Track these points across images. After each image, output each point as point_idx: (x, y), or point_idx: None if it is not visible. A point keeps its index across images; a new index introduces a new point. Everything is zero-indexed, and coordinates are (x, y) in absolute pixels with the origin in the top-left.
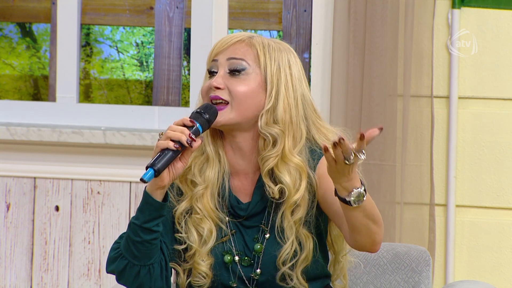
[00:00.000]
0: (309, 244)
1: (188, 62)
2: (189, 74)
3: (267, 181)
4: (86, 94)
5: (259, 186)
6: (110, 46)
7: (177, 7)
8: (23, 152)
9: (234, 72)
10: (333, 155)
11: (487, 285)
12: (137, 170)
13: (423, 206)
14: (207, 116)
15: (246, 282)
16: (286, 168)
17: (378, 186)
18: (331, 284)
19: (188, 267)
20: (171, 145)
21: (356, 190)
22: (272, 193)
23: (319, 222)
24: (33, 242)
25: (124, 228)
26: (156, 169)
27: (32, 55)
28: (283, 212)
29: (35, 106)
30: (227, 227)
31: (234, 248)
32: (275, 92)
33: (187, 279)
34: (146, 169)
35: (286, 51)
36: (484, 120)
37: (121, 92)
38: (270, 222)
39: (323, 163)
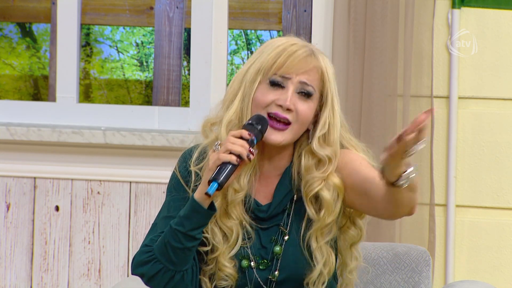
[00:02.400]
0: (332, 260)
1: (188, 62)
2: (189, 74)
3: (308, 203)
4: (86, 94)
5: (280, 189)
6: (110, 46)
7: (177, 7)
8: (23, 152)
9: (303, 94)
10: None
11: (487, 285)
12: (137, 170)
13: (423, 206)
14: (260, 127)
15: (263, 285)
16: (327, 187)
17: None
18: None
19: (209, 269)
20: (233, 159)
21: (406, 173)
22: (312, 215)
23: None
24: (33, 242)
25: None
26: (219, 183)
27: (32, 55)
28: (312, 233)
29: (35, 106)
30: (247, 232)
31: (250, 252)
32: (330, 119)
33: (211, 284)
34: (209, 183)
35: (329, 59)
36: (484, 120)
37: (121, 92)
38: (289, 224)
39: (340, 159)
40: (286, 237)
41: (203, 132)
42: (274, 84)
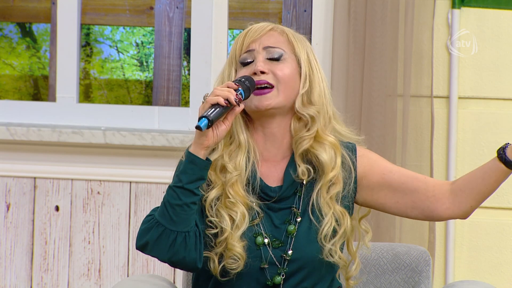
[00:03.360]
0: (346, 220)
1: (188, 62)
2: (189, 74)
3: (299, 161)
4: (86, 94)
5: (289, 172)
6: (110, 46)
7: (177, 7)
8: (23, 152)
9: (273, 59)
10: None
11: (487, 285)
12: (137, 170)
13: None
14: (248, 84)
15: (277, 263)
16: (322, 147)
17: None
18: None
19: (219, 251)
20: (221, 100)
21: None
22: (302, 173)
23: (354, 199)
24: (33, 242)
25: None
26: (210, 119)
27: (32, 55)
28: (319, 189)
29: (35, 106)
30: (256, 211)
31: (263, 230)
32: (309, 76)
33: (219, 265)
34: (199, 120)
35: (307, 41)
36: (484, 120)
37: (121, 92)
38: (301, 206)
39: (362, 152)
40: (299, 219)
41: None
42: (245, 63)
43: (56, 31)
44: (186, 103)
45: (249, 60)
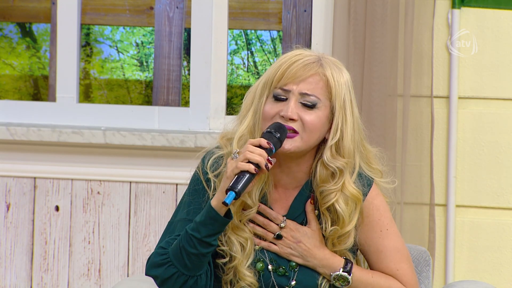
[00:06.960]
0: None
1: (188, 62)
2: (189, 74)
3: (326, 215)
4: (86, 94)
5: (298, 202)
6: (110, 46)
7: (177, 7)
8: (23, 152)
9: (307, 106)
10: None
11: (487, 285)
12: (137, 170)
13: (423, 206)
14: (279, 135)
15: None
16: (344, 198)
17: None
18: None
19: (229, 278)
20: (252, 168)
21: (335, 274)
22: (325, 229)
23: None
24: (33, 242)
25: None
26: (237, 192)
27: (32, 55)
28: (328, 238)
29: (35, 106)
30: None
31: (267, 257)
32: (341, 126)
33: None
34: (226, 192)
35: (344, 70)
36: (484, 120)
37: (121, 92)
38: None
39: (374, 197)
40: None
41: (220, 145)
42: (277, 98)
43: (56, 31)
44: (186, 103)
45: (282, 97)
